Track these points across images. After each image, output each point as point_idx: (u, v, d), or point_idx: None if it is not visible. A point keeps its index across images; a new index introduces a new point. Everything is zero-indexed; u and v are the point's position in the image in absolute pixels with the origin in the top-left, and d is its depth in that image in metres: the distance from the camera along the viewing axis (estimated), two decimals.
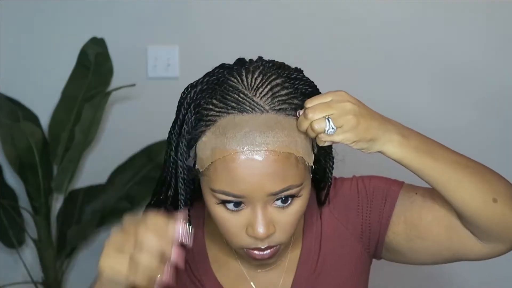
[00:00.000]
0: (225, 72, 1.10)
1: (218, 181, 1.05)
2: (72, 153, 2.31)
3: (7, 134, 2.30)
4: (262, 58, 1.14)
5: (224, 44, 2.36)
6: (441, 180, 1.09)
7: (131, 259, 0.94)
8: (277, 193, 1.06)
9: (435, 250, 1.19)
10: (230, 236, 1.11)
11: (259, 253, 1.10)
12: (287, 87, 1.08)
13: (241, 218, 1.08)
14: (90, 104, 2.27)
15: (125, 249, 0.95)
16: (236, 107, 1.05)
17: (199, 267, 1.22)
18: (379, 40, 2.35)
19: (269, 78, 1.08)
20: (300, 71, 1.14)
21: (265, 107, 1.05)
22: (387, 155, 1.07)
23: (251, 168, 1.03)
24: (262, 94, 1.06)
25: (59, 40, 2.42)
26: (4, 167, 2.42)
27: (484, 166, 1.13)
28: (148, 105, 2.41)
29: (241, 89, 1.06)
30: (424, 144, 1.08)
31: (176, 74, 2.40)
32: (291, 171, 1.05)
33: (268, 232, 1.07)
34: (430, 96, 2.37)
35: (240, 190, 1.05)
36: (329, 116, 1.02)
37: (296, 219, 1.10)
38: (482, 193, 1.10)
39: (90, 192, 2.39)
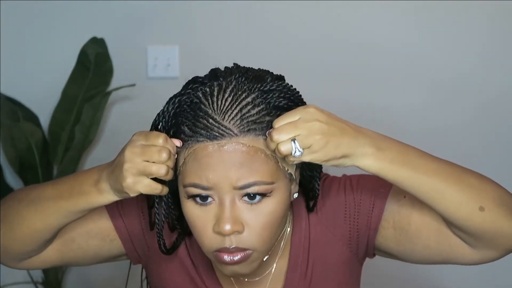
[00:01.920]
0: (198, 89, 1.08)
1: (188, 174, 1.06)
2: (72, 153, 2.31)
3: (7, 134, 2.30)
4: (238, 67, 1.12)
5: (224, 44, 2.36)
6: (422, 191, 1.06)
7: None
8: (244, 187, 1.04)
9: (426, 255, 1.17)
10: (200, 237, 1.09)
11: (228, 256, 1.08)
12: (258, 104, 1.06)
13: (209, 214, 1.07)
14: (90, 104, 2.28)
15: (146, 170, 1.02)
16: (205, 134, 1.04)
17: (202, 270, 1.23)
18: (375, 46, 2.35)
19: (240, 96, 1.06)
20: (279, 78, 1.12)
21: (234, 130, 1.04)
22: (362, 169, 1.04)
23: (219, 158, 1.03)
24: (231, 117, 1.04)
25: (59, 40, 2.42)
26: (4, 167, 2.42)
27: (470, 172, 1.09)
28: (148, 105, 2.39)
29: (211, 114, 1.05)
30: (401, 155, 1.05)
31: (176, 74, 2.40)
32: (260, 165, 1.04)
33: (234, 228, 1.05)
34: (424, 99, 2.36)
35: (208, 180, 1.04)
36: (296, 137, 1.00)
37: (268, 222, 1.07)
38: (467, 203, 1.06)
39: None
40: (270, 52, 2.34)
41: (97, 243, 1.22)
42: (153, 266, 1.25)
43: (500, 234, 1.08)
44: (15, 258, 1.19)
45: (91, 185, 1.09)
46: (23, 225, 1.15)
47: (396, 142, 1.06)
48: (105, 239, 1.22)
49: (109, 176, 1.07)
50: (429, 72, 2.34)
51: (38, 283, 2.39)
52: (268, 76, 1.10)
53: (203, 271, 1.22)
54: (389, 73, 2.35)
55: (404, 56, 2.34)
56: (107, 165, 1.10)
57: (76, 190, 1.10)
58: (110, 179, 1.07)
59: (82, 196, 1.09)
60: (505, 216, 1.07)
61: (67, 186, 1.12)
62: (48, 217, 1.13)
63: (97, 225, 1.21)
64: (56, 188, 1.14)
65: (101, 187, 1.08)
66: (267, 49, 2.35)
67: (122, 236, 1.22)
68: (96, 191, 1.08)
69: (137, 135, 1.06)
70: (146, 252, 1.23)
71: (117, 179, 1.04)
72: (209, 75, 1.11)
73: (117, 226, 1.22)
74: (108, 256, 1.25)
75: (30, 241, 1.16)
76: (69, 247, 1.21)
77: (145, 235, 1.22)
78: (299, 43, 2.35)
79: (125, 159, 1.03)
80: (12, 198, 1.19)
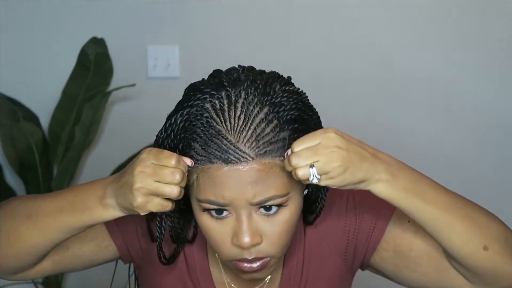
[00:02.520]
0: (206, 101, 1.04)
1: (202, 191, 1.04)
2: (72, 153, 2.31)
3: (7, 134, 2.30)
4: (244, 71, 1.09)
5: (224, 44, 2.36)
6: (430, 223, 1.05)
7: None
8: (260, 203, 1.03)
9: (422, 282, 1.16)
10: (217, 247, 1.08)
11: (248, 265, 1.07)
12: (271, 120, 1.03)
13: (226, 227, 1.06)
14: (90, 104, 2.27)
15: (156, 191, 1.00)
16: (220, 156, 1.02)
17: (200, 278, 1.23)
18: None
19: (252, 113, 1.03)
20: (287, 83, 1.09)
21: (251, 154, 1.02)
22: (374, 193, 1.03)
23: (235, 177, 1.02)
24: (246, 139, 1.02)
25: (59, 40, 2.43)
26: (4, 167, 2.42)
27: (479, 210, 1.08)
28: (148, 105, 2.41)
29: (224, 134, 1.02)
30: (414, 184, 1.04)
31: (176, 74, 2.40)
32: (275, 180, 1.03)
33: (253, 241, 1.05)
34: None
35: (224, 198, 1.03)
36: (314, 163, 0.98)
37: (284, 230, 1.07)
38: (472, 240, 1.05)
39: None
40: (270, 52, 2.34)
41: (91, 250, 1.20)
42: (145, 269, 1.24)
43: (501, 274, 1.08)
44: (10, 272, 1.17)
45: (95, 200, 1.06)
46: (20, 241, 1.12)
47: (411, 170, 1.06)
48: (99, 245, 1.20)
49: (115, 193, 1.04)
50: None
51: (38, 283, 2.39)
52: (277, 83, 1.07)
53: (200, 277, 1.21)
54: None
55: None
56: (111, 180, 1.06)
57: (78, 205, 1.08)
58: (117, 197, 1.04)
59: (86, 211, 1.07)
60: (507, 257, 1.07)
61: (68, 201, 1.09)
62: (48, 233, 1.10)
63: (91, 230, 1.18)
64: (55, 202, 1.11)
65: (107, 203, 1.06)
66: (267, 49, 2.35)
67: (117, 240, 1.21)
68: (101, 207, 1.06)
69: (146, 154, 1.02)
70: (140, 255, 1.22)
71: (126, 198, 1.02)
72: (214, 83, 1.07)
73: (111, 231, 1.20)
74: (102, 261, 1.23)
75: (27, 256, 1.13)
76: (63, 255, 1.18)
77: (139, 238, 1.21)
78: (301, 44, 2.35)
79: (135, 179, 1.00)
80: (6, 211, 1.15)
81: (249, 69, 1.10)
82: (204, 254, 1.21)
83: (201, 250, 1.21)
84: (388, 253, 1.17)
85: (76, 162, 2.33)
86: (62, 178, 2.33)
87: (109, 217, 1.07)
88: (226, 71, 1.10)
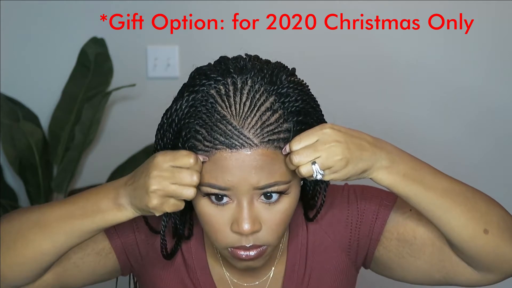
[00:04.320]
0: (212, 87, 1.05)
1: (204, 174, 1.04)
2: (72, 153, 2.31)
3: (7, 134, 2.30)
4: (250, 59, 1.10)
5: (224, 44, 2.36)
6: (430, 209, 1.06)
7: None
8: (264, 187, 1.04)
9: (426, 270, 1.16)
10: (215, 234, 1.08)
11: (244, 252, 1.08)
12: (276, 110, 1.04)
13: (226, 214, 1.06)
14: (90, 104, 2.28)
15: (170, 191, 1.01)
16: (225, 141, 1.02)
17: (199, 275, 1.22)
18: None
19: (258, 101, 1.04)
20: (292, 74, 1.10)
21: (254, 140, 1.02)
22: (375, 181, 1.05)
23: (238, 162, 1.02)
24: (251, 125, 1.02)
25: (59, 40, 2.43)
26: (4, 167, 2.42)
27: (478, 193, 1.09)
28: (148, 105, 2.41)
29: (229, 119, 1.02)
30: (414, 171, 1.05)
31: (176, 74, 2.40)
32: (279, 166, 1.04)
33: (254, 228, 1.05)
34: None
35: (226, 182, 1.03)
36: (316, 159, 1.00)
37: (283, 219, 1.08)
38: (472, 224, 1.06)
39: None
40: (270, 52, 2.33)
41: (92, 259, 1.19)
42: (146, 275, 1.23)
43: (502, 258, 1.09)
44: (11, 285, 1.13)
45: (108, 202, 1.06)
46: (28, 249, 1.09)
47: (410, 157, 1.07)
48: (100, 253, 1.19)
49: (130, 194, 1.04)
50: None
51: None
52: (283, 73, 1.08)
53: (200, 276, 1.21)
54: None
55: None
56: (124, 182, 1.06)
57: (90, 208, 1.07)
58: (131, 198, 1.04)
59: (99, 214, 1.06)
60: (508, 241, 1.08)
61: (78, 206, 1.08)
62: (58, 238, 1.09)
63: (91, 239, 1.17)
64: (64, 208, 1.09)
65: (120, 203, 1.05)
66: (267, 49, 2.35)
67: (116, 246, 1.20)
68: (116, 208, 1.06)
69: (162, 156, 1.02)
70: (139, 261, 1.22)
71: (141, 200, 1.02)
72: (220, 69, 1.07)
73: (110, 238, 1.20)
74: (103, 272, 1.21)
75: (34, 265, 1.11)
76: (66, 267, 1.17)
77: (138, 244, 1.21)
78: (302, 45, 2.35)
79: (152, 182, 1.01)
80: (12, 221, 1.12)
81: (255, 58, 1.11)
82: (202, 253, 1.21)
83: (199, 250, 1.21)
84: (391, 242, 1.18)
85: (76, 162, 2.33)
86: (62, 178, 2.33)
87: (123, 217, 1.07)
88: (233, 58, 1.10)
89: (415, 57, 2.36)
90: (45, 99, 2.41)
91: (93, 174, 2.44)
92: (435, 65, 2.36)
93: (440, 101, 2.38)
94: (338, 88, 2.34)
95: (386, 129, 2.37)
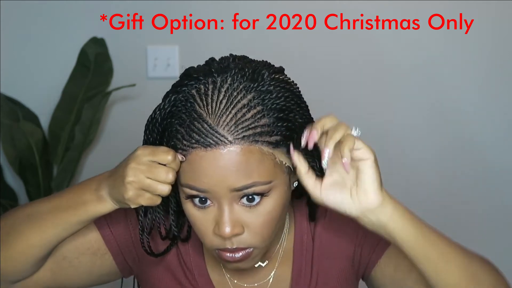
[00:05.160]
0: (193, 87, 1.06)
1: (183, 175, 1.05)
2: (72, 153, 2.31)
3: (7, 134, 2.30)
4: (234, 59, 1.09)
5: (224, 44, 2.36)
6: (423, 262, 1.03)
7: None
8: (241, 189, 1.03)
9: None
10: (201, 235, 1.09)
11: (230, 254, 1.07)
12: (254, 106, 1.03)
13: (208, 216, 1.06)
14: (90, 104, 2.28)
15: (147, 186, 1.03)
16: (200, 140, 1.02)
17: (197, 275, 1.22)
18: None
19: (235, 98, 1.03)
20: (277, 72, 1.09)
21: (228, 137, 1.02)
22: (384, 212, 1.00)
23: (213, 161, 1.02)
24: (225, 123, 1.02)
25: (59, 40, 2.43)
26: (4, 167, 2.42)
27: (474, 257, 1.06)
28: (148, 105, 2.36)
29: (205, 118, 1.02)
30: (414, 218, 1.02)
31: (176, 74, 2.39)
32: (256, 166, 1.03)
33: (234, 232, 1.05)
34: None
35: (203, 184, 1.03)
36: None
37: (267, 221, 1.06)
38: (464, 284, 1.03)
39: None
40: (270, 52, 2.33)
41: (88, 259, 1.19)
42: (144, 276, 1.23)
43: None
44: (9, 280, 1.15)
45: (90, 194, 1.08)
46: (18, 241, 1.11)
47: (413, 214, 1.04)
48: (96, 254, 1.19)
49: (109, 185, 1.06)
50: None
51: None
52: (266, 71, 1.07)
53: (198, 278, 1.21)
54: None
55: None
56: (106, 174, 1.09)
57: (74, 200, 1.09)
58: (110, 189, 1.06)
59: (81, 206, 1.08)
60: None
61: (65, 198, 1.11)
62: (46, 230, 1.10)
63: (86, 239, 1.18)
64: (53, 202, 1.12)
65: (101, 194, 1.07)
66: (268, 49, 2.35)
67: (112, 248, 1.20)
68: (96, 200, 1.08)
69: (142, 150, 1.05)
70: (136, 263, 1.22)
71: (118, 191, 1.04)
72: (204, 69, 1.08)
73: (105, 238, 1.20)
74: (100, 273, 1.21)
75: (25, 258, 1.12)
76: (61, 265, 1.17)
77: (134, 245, 1.20)
78: (301, 43, 2.35)
79: (129, 173, 1.03)
80: (8, 216, 1.15)
81: (240, 58, 1.10)
82: (200, 255, 1.21)
83: (197, 252, 1.21)
84: (388, 269, 1.17)
85: (76, 162, 2.34)
86: (62, 178, 2.33)
87: (103, 209, 1.08)
88: (219, 59, 1.11)
89: (415, 57, 2.36)
90: (45, 99, 2.41)
91: (93, 174, 2.39)
92: (435, 65, 2.36)
93: (440, 101, 2.38)
94: (338, 88, 2.34)
95: (386, 129, 2.37)
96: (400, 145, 2.40)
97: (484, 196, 2.40)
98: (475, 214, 2.41)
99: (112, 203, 1.07)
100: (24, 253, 1.12)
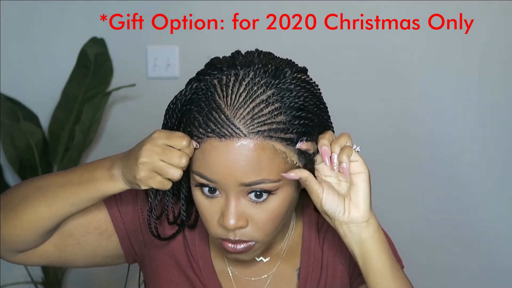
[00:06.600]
0: (216, 77, 1.07)
1: (195, 162, 1.06)
2: (72, 153, 2.31)
3: (7, 134, 2.30)
4: (259, 55, 1.11)
5: (224, 44, 2.36)
6: (376, 278, 1.09)
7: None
8: (250, 184, 1.05)
9: None
10: (206, 223, 1.11)
11: (231, 245, 1.10)
12: (273, 102, 1.04)
13: (215, 206, 1.08)
14: (90, 104, 2.28)
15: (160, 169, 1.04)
16: (215, 130, 1.04)
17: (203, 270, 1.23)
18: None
19: (255, 93, 1.04)
20: (300, 71, 1.11)
21: (243, 131, 1.03)
22: (367, 229, 1.07)
23: (225, 153, 1.03)
24: (242, 116, 1.03)
25: (59, 40, 2.43)
26: (4, 167, 2.42)
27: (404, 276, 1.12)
28: (148, 105, 2.41)
29: (223, 108, 1.04)
30: (389, 250, 1.10)
31: (176, 74, 2.40)
32: (267, 163, 1.04)
33: (238, 225, 1.07)
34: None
35: (213, 174, 1.05)
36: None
37: (271, 218, 1.09)
38: None
39: None
40: (271, 52, 2.33)
41: (94, 239, 1.21)
42: (148, 264, 1.24)
43: None
44: (13, 249, 1.17)
45: (102, 171, 1.09)
46: (27, 211, 1.12)
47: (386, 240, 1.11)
48: (102, 234, 1.21)
49: (122, 165, 1.08)
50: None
51: (38, 283, 2.40)
52: (288, 69, 1.09)
53: (202, 267, 1.22)
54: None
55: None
56: (121, 155, 1.10)
57: (86, 177, 1.10)
58: (123, 168, 1.07)
59: (93, 182, 1.09)
60: None
61: (78, 174, 1.12)
62: (55, 203, 1.12)
63: (95, 218, 1.20)
64: (66, 175, 1.13)
65: (113, 173, 1.08)
66: (268, 49, 2.35)
67: (119, 231, 1.21)
68: (108, 178, 1.09)
69: (158, 133, 1.06)
70: (142, 249, 1.23)
71: (131, 171, 1.05)
72: (229, 61, 1.09)
73: (114, 219, 1.21)
74: (105, 254, 1.23)
75: (32, 228, 1.13)
76: (66, 241, 1.19)
77: (142, 231, 1.22)
78: (301, 43, 2.35)
79: (143, 153, 1.04)
80: (18, 186, 1.17)
81: (265, 54, 1.13)
82: (206, 245, 1.23)
83: (203, 241, 1.23)
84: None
85: (76, 162, 2.34)
86: None
87: (113, 188, 1.09)
88: (245, 53, 1.13)
89: (415, 57, 2.36)
90: (45, 99, 2.41)
91: None
92: (435, 65, 2.37)
93: (440, 101, 2.38)
94: (338, 88, 2.34)
95: (385, 129, 2.38)
96: (400, 145, 2.40)
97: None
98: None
99: (123, 183, 1.08)
100: (31, 223, 1.13)
